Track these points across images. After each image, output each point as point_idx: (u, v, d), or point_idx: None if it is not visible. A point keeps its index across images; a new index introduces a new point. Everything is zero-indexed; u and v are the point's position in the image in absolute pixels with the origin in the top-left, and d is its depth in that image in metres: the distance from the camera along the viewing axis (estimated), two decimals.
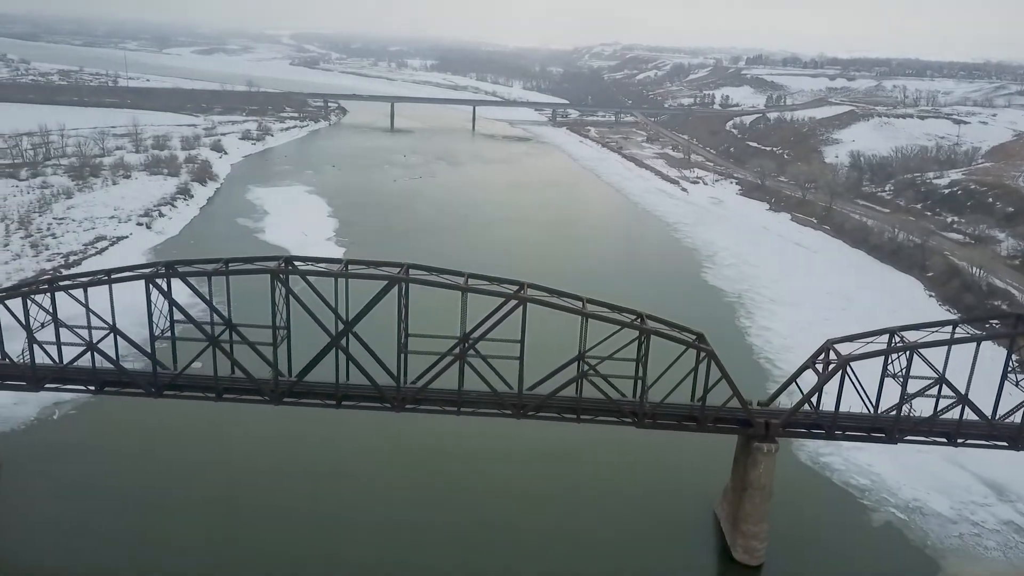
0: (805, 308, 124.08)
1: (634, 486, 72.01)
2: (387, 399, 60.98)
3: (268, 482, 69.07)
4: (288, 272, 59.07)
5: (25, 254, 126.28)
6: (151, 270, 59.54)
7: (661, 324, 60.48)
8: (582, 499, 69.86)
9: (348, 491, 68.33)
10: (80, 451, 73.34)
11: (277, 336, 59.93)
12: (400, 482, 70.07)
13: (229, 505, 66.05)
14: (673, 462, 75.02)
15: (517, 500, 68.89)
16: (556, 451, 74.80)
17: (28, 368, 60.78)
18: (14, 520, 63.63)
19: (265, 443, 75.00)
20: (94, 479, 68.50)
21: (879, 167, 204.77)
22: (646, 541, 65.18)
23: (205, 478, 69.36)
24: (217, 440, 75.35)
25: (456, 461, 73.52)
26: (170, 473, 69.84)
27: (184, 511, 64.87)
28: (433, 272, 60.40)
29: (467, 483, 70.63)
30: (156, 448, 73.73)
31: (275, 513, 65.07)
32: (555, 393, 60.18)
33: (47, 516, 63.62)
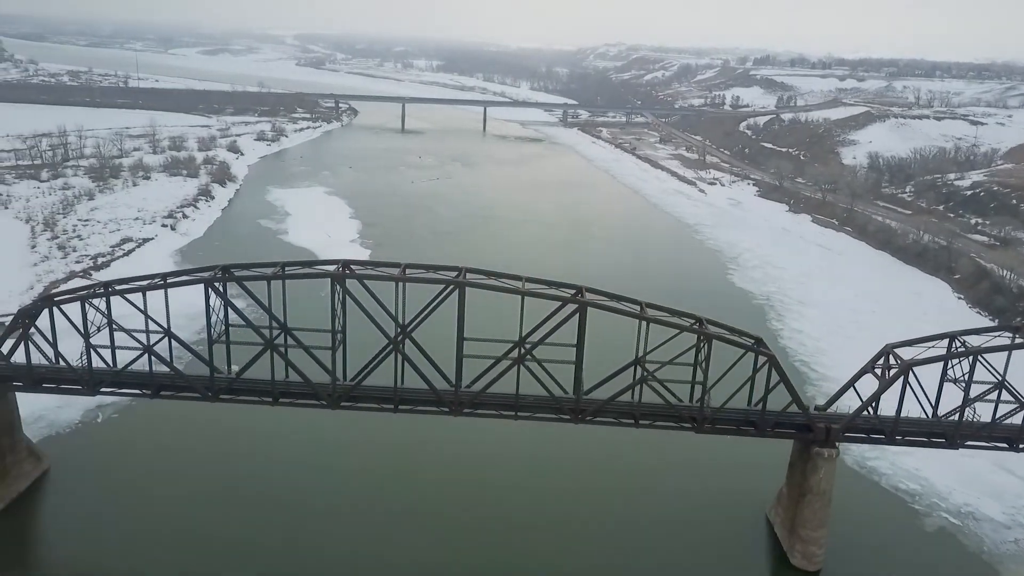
0: (834, 310, 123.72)
1: (683, 490, 71.65)
2: (445, 403, 60.76)
3: (321, 484, 68.94)
4: (347, 276, 58.87)
5: (53, 256, 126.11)
6: (209, 274, 59.27)
7: (720, 328, 60.27)
8: (633, 502, 69.58)
9: (405, 494, 68.05)
10: (125, 453, 73.25)
11: (336, 340, 59.74)
12: (457, 484, 69.91)
13: (278, 507, 65.75)
14: (720, 465, 74.64)
15: (569, 503, 68.70)
16: (596, 455, 74.66)
17: (85, 372, 60.53)
18: (63, 521, 63.59)
19: (317, 445, 74.74)
20: (140, 481, 68.41)
21: (898, 168, 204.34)
22: (700, 546, 64.88)
23: (254, 480, 69.16)
24: (265, 441, 75.09)
25: (512, 464, 73.44)
26: (216, 474, 69.76)
27: (231, 512, 64.74)
28: (491, 276, 60.15)
29: (522, 484, 70.45)
30: (200, 449, 73.64)
31: (325, 515, 64.88)
32: (614, 398, 59.91)
33: (95, 517, 63.61)
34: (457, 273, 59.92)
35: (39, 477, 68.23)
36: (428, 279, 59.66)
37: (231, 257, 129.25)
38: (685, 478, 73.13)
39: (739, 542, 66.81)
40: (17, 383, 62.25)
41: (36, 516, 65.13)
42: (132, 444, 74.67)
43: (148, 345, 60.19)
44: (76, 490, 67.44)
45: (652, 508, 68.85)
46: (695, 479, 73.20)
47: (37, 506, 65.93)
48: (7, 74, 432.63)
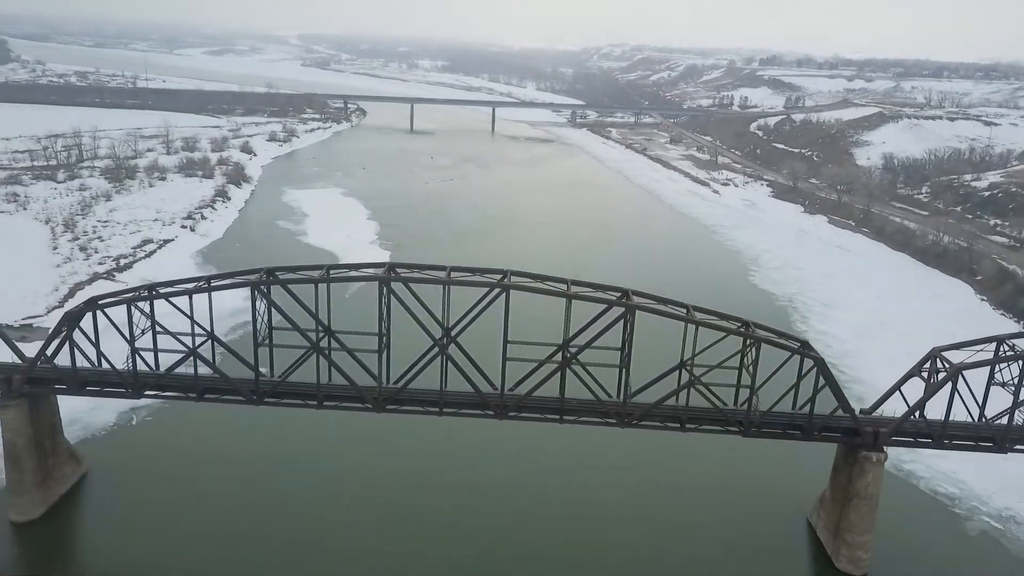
0: (858, 312, 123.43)
1: (720, 493, 71.48)
2: (490, 406, 60.56)
3: (363, 487, 68.90)
4: (393, 279, 58.69)
5: (75, 257, 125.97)
6: (256, 277, 59.07)
7: (767, 331, 60.04)
8: (670, 506, 69.37)
9: (451, 498, 67.77)
10: (162, 456, 73.00)
11: (382, 343, 59.56)
12: (498, 487, 69.76)
13: (319, 509, 65.65)
14: (756, 468, 74.50)
15: (610, 506, 68.48)
16: (628, 458, 74.58)
17: (130, 375, 60.39)
18: (104, 524, 63.56)
19: (357, 448, 74.64)
20: (178, 483, 68.28)
21: (913, 169, 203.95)
22: (742, 550, 64.61)
23: (294, 482, 69.08)
24: (304, 444, 74.95)
25: (557, 467, 73.28)
26: (255, 477, 69.62)
27: (271, 515, 64.57)
28: (536, 279, 59.94)
29: (562, 486, 70.38)
30: (237, 452, 73.56)
31: (368, 518, 64.79)
32: (661, 402, 59.70)
33: (135, 520, 63.54)
34: (502, 276, 59.76)
35: (79, 480, 68.20)
36: (474, 282, 59.43)
37: (254, 259, 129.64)
38: (721, 481, 72.93)
39: (781, 545, 66.58)
40: (61, 386, 62.07)
41: (78, 519, 65.06)
42: (168, 446, 74.43)
43: (193, 348, 60.01)
44: (115, 493, 67.37)
45: (690, 511, 68.65)
46: (732, 482, 72.96)
47: (79, 509, 65.88)
48: (14, 74, 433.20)
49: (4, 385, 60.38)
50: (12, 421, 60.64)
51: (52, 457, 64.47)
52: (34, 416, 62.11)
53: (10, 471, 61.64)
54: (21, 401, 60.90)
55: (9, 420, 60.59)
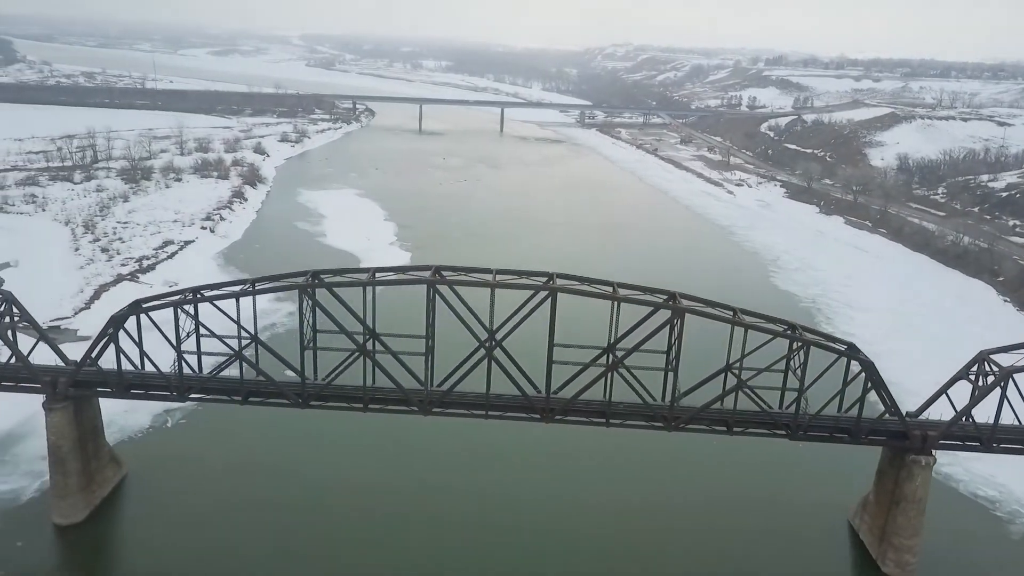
0: (883, 313, 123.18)
1: (760, 496, 71.21)
2: (536, 409, 60.39)
3: (405, 491, 68.54)
4: (440, 282, 58.52)
5: (97, 259, 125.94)
6: (302, 280, 58.92)
7: (815, 334, 59.86)
8: (710, 509, 69.09)
9: (495, 504, 67.63)
10: (199, 458, 72.86)
11: (429, 346, 59.40)
12: (546, 491, 69.55)
13: (360, 513, 65.62)
14: (793, 472, 74.47)
15: (651, 509, 68.31)
16: (662, 462, 74.48)
17: (176, 378, 60.24)
18: (146, 528, 63.35)
19: (396, 450, 74.43)
20: (216, 485, 68.31)
21: (928, 170, 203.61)
22: (785, 554, 64.45)
23: (330, 484, 69.09)
24: (342, 446, 74.82)
25: (602, 470, 73.20)
26: (287, 477, 69.57)
27: (313, 518, 64.39)
28: (582, 281, 59.77)
29: (607, 490, 70.24)
30: (274, 454, 73.41)
31: (413, 523, 64.51)
32: (708, 405, 59.51)
33: (176, 523, 63.37)
34: (547, 278, 59.59)
35: (118, 483, 68.08)
36: (520, 284, 59.23)
37: (275, 261, 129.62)
38: (758, 485, 72.69)
39: (824, 549, 66.38)
40: (105, 389, 61.93)
41: (120, 522, 65.00)
42: (204, 449, 74.28)
43: (239, 351, 59.86)
44: (155, 496, 67.21)
45: (730, 514, 68.32)
46: (769, 486, 72.76)
47: (120, 512, 65.79)
48: (22, 75, 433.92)
49: (49, 388, 60.27)
50: (57, 424, 60.54)
51: (94, 460, 64.37)
52: (78, 419, 62.05)
53: (54, 474, 61.54)
54: (66, 404, 60.83)
55: (55, 423, 60.49)
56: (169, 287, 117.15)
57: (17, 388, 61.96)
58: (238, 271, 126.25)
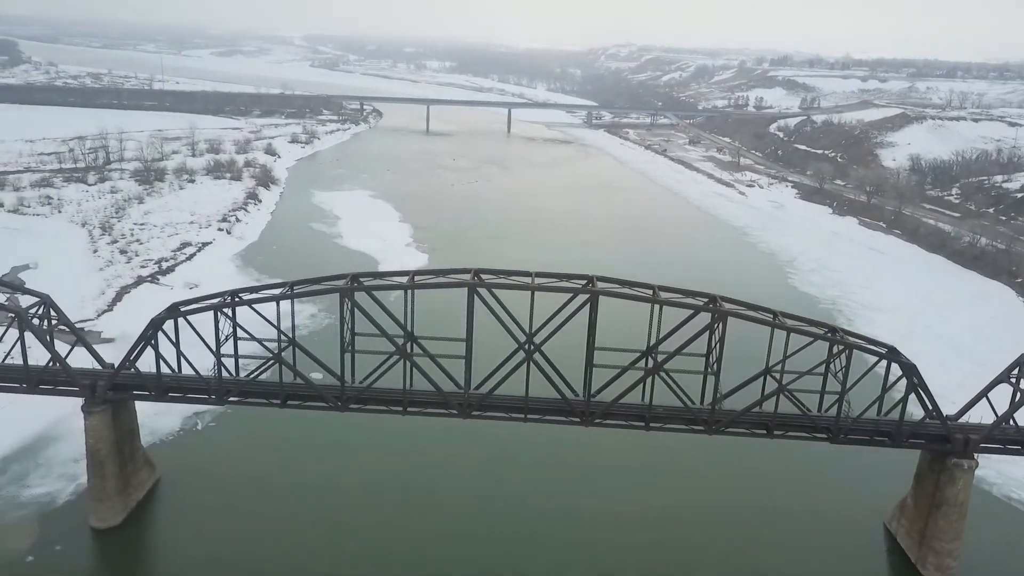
0: (902, 315, 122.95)
1: (793, 498, 71.15)
2: (576, 412, 60.23)
3: (441, 494, 68.46)
4: (480, 285, 58.36)
5: (116, 260, 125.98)
6: (343, 283, 58.78)
7: (856, 337, 59.68)
8: (744, 512, 68.97)
9: (530, 511, 67.34)
10: (230, 460, 72.88)
11: (469, 349, 59.24)
12: (582, 497, 69.36)
13: (395, 517, 65.36)
14: (825, 473, 74.42)
15: (686, 512, 68.27)
16: (691, 464, 74.43)
17: (215, 381, 60.12)
18: (180, 531, 63.30)
19: (429, 453, 74.24)
20: (250, 489, 68.12)
21: (941, 171, 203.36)
22: (821, 558, 64.26)
23: (360, 485, 69.14)
24: (372, 448, 74.71)
25: (639, 475, 73.12)
26: (325, 482, 69.44)
27: (341, 521, 64.37)
28: (623, 284, 59.60)
29: (645, 494, 70.15)
30: (305, 457, 73.32)
31: (452, 528, 64.44)
32: (749, 409, 59.34)
33: (210, 525, 63.37)
34: (587, 281, 59.43)
35: (152, 486, 67.98)
36: (560, 287, 59.05)
37: (294, 263, 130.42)
38: (793, 488, 72.71)
39: (860, 552, 66.09)
40: (142, 392, 61.82)
41: (156, 525, 64.82)
42: (235, 451, 74.31)
43: (278, 354, 59.73)
44: (189, 499, 67.16)
45: (764, 517, 68.22)
46: (803, 488, 72.79)
47: (155, 515, 65.64)
48: (28, 76, 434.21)
49: (88, 391, 60.15)
50: (96, 427, 60.44)
51: (130, 463, 64.28)
52: (116, 422, 61.94)
53: (92, 477, 61.43)
54: (105, 407, 60.71)
55: (93, 426, 60.40)
56: (190, 289, 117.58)
57: (55, 391, 61.90)
58: (257, 272, 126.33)
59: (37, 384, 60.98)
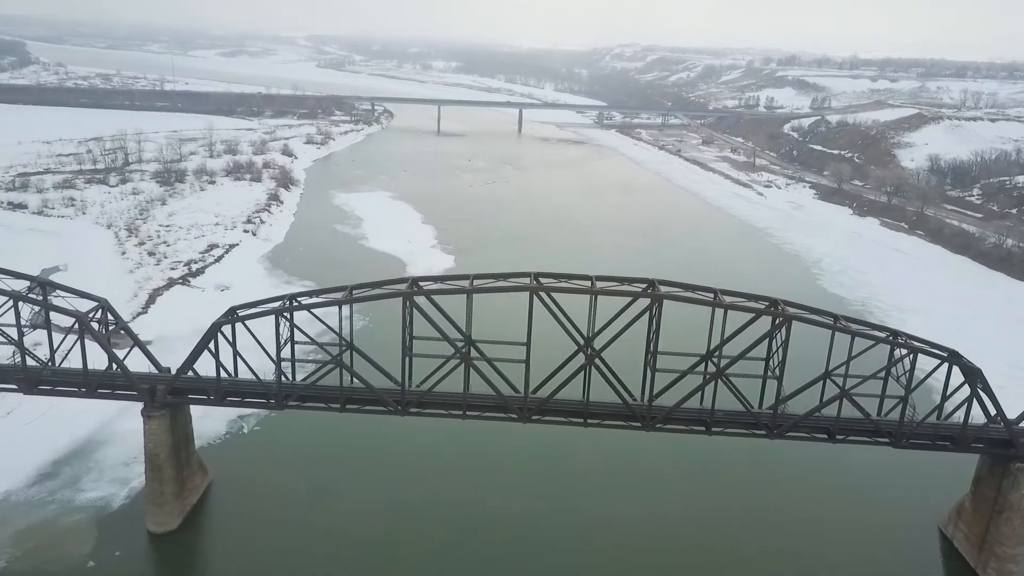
0: (933, 317, 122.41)
1: (847, 502, 71.01)
2: (637, 417, 60.00)
3: (497, 499, 68.34)
4: (539, 289, 58.15)
5: (146, 262, 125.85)
6: (405, 287, 58.60)
7: (918, 341, 59.42)
8: (793, 515, 68.90)
9: (593, 513, 67.33)
10: (279, 463, 72.75)
11: (528, 353, 59.02)
12: (639, 500, 69.34)
13: (448, 522, 65.24)
14: (875, 476, 74.19)
15: (734, 514, 68.12)
16: (744, 468, 74.29)
17: (276, 386, 59.94)
18: (236, 535, 63.15)
19: (482, 458, 74.22)
20: (299, 491, 68.03)
21: (961, 171, 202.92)
22: (876, 562, 64.03)
23: (410, 491, 68.95)
24: (417, 451, 74.60)
25: (695, 479, 73.10)
26: (374, 486, 69.40)
27: (401, 526, 64.19)
28: (685, 288, 59.36)
29: (698, 499, 70.00)
30: (347, 460, 73.29)
31: (508, 533, 64.28)
32: (811, 413, 59.09)
33: (264, 529, 63.09)
34: (647, 285, 59.18)
35: (205, 489, 67.86)
36: (620, 291, 58.85)
37: (322, 265, 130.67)
38: (845, 490, 72.53)
39: (916, 556, 65.73)
40: (201, 396, 61.66)
41: (212, 530, 64.61)
42: (282, 454, 74.19)
43: (338, 357, 59.53)
44: (242, 503, 66.99)
45: (815, 519, 68.11)
46: (855, 492, 72.54)
47: (211, 519, 65.47)
48: (39, 77, 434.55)
49: (148, 396, 60.00)
50: (155, 432, 60.29)
51: (187, 468, 64.18)
52: (173, 426, 61.76)
53: (151, 481, 61.27)
54: (164, 412, 60.55)
55: (153, 431, 60.23)
56: (221, 291, 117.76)
57: (114, 395, 61.74)
58: (286, 274, 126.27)
59: (96, 388, 60.80)
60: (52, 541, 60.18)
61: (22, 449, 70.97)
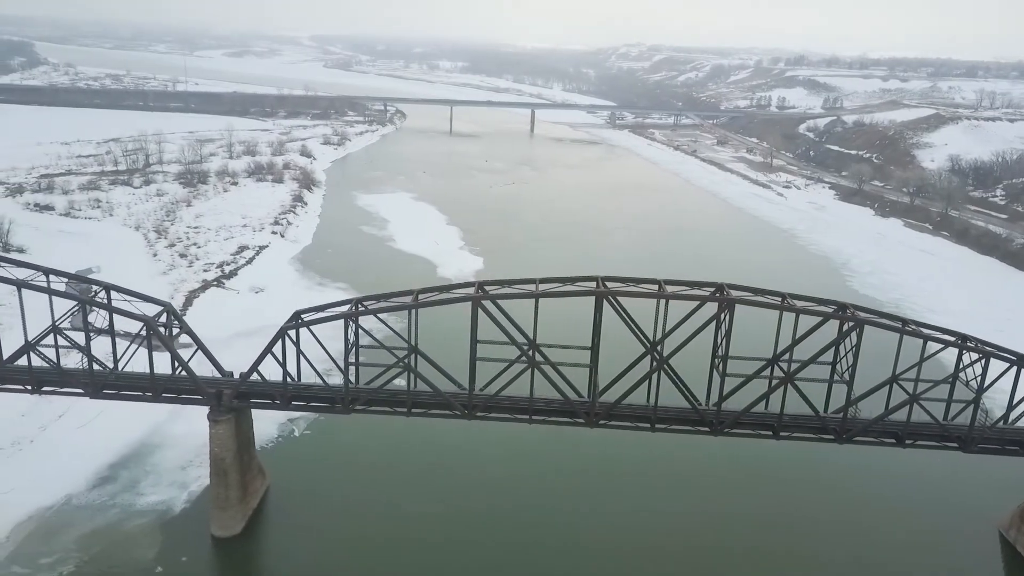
0: (969, 319, 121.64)
1: (904, 505, 70.84)
2: (705, 422, 59.78)
3: (551, 504, 68.25)
4: (607, 293, 57.94)
5: (178, 264, 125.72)
6: (473, 291, 58.41)
7: (986, 344, 59.24)
8: (849, 518, 68.72)
9: (659, 519, 67.37)
10: (332, 466, 72.96)
11: (594, 358, 58.87)
12: (704, 504, 69.42)
13: (511, 526, 65.28)
14: (930, 480, 74.11)
15: (792, 521, 67.93)
16: (799, 474, 74.12)
17: (343, 390, 59.77)
18: (297, 538, 62.85)
19: (541, 462, 74.11)
20: (355, 494, 68.15)
21: (983, 172, 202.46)
22: (938, 564, 63.97)
23: (463, 494, 69.10)
24: (466, 455, 74.46)
25: (766, 483, 72.95)
26: (421, 488, 69.56)
27: (454, 528, 64.28)
28: (754, 292, 59.13)
29: (765, 504, 69.91)
30: (400, 463, 73.29)
31: (569, 538, 64.14)
32: (881, 418, 58.87)
33: (324, 533, 63.11)
34: (716, 289, 58.97)
35: (264, 493, 67.73)
36: (689, 296, 58.58)
37: (354, 267, 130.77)
38: (901, 493, 72.35)
39: (977, 559, 65.65)
40: (265, 400, 61.52)
41: (273, 533, 64.51)
42: (336, 458, 74.37)
43: (405, 361, 59.32)
44: (299, 506, 66.95)
45: (876, 524, 67.79)
46: (912, 494, 72.44)
47: (271, 523, 65.41)
48: (50, 78, 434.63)
49: (215, 400, 59.85)
50: (221, 436, 60.17)
51: (249, 472, 64.05)
52: (238, 430, 61.62)
53: (216, 486, 61.16)
54: (230, 416, 60.40)
55: (219, 435, 60.12)
56: (256, 293, 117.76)
57: (178, 400, 61.60)
58: (319, 276, 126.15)
59: (161, 393, 60.67)
60: (118, 545, 60.13)
61: (79, 452, 70.97)
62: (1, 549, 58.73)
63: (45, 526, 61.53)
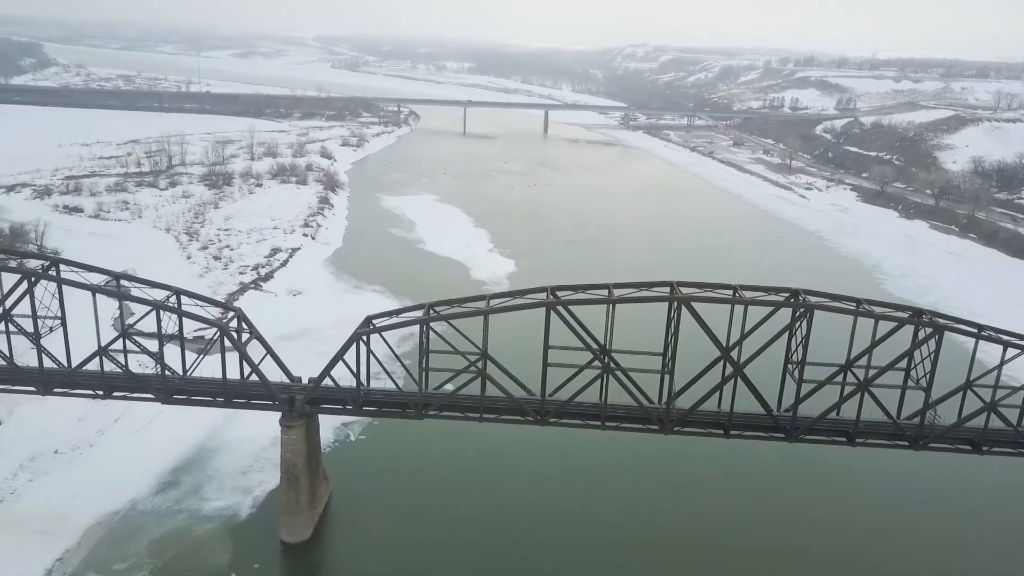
0: (1007, 321, 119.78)
1: (945, 508, 70.99)
2: (781, 429, 59.39)
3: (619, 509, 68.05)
4: (680, 299, 57.56)
5: (213, 267, 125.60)
6: (545, 297, 58.07)
7: None
8: (893, 521, 68.79)
9: (730, 524, 67.28)
10: (392, 471, 72.78)
11: (667, 364, 58.49)
12: (780, 512, 69.39)
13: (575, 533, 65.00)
14: (974, 482, 74.17)
15: (851, 525, 67.73)
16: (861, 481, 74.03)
17: (416, 395, 59.44)
18: (364, 543, 62.86)
19: (600, 465, 73.88)
20: (416, 499, 67.92)
21: (1007, 174, 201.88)
22: (978, 563, 64.00)
23: (528, 497, 68.87)
24: (524, 460, 74.15)
25: (838, 489, 73.02)
26: (482, 492, 69.47)
27: (512, 535, 64.09)
28: (828, 297, 58.72)
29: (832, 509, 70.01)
30: (461, 467, 73.12)
31: (642, 542, 63.87)
32: (959, 424, 58.44)
33: (390, 539, 62.98)
34: (790, 295, 58.58)
35: (328, 498, 67.44)
36: (765, 301, 58.14)
37: (388, 269, 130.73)
38: (949, 497, 72.34)
39: (1018, 560, 65.70)
40: (336, 406, 61.25)
41: (341, 539, 64.27)
42: (394, 462, 74.07)
43: (480, 367, 58.93)
44: (362, 511, 66.81)
45: (919, 527, 68.28)
46: (959, 498, 72.32)
47: (338, 528, 65.15)
48: (61, 78, 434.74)
49: (287, 406, 59.57)
50: (293, 442, 59.90)
51: (316, 477, 63.78)
52: (308, 436, 61.35)
53: (287, 491, 60.86)
54: (301, 422, 60.13)
55: (291, 441, 59.85)
56: (293, 296, 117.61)
57: (249, 405, 61.31)
58: (354, 279, 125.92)
59: (232, 398, 60.40)
60: (189, 551, 59.92)
61: (139, 456, 70.87)
62: (74, 555, 58.56)
63: (115, 531, 61.35)
